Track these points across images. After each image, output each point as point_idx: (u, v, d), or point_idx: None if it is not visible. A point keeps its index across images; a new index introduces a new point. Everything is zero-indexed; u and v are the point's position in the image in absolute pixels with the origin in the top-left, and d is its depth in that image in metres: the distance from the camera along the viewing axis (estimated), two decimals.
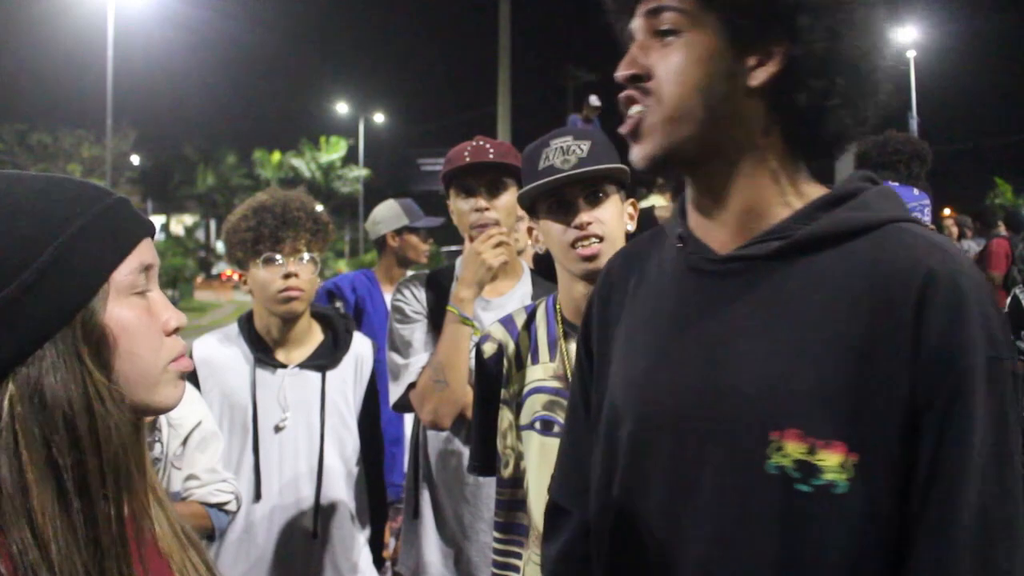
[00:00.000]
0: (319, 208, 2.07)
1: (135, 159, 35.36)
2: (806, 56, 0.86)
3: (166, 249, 27.65)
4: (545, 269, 2.00)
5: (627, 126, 0.93)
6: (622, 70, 0.92)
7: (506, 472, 1.62)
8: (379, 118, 43.44)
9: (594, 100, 8.95)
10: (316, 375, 2.03)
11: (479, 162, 1.93)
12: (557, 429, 1.54)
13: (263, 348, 2.02)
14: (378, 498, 2.18)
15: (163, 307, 0.85)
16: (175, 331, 0.86)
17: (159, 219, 41.18)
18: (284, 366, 2.02)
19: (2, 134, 28.73)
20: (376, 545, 2.17)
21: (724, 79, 0.87)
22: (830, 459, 0.79)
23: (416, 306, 2.01)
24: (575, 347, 1.57)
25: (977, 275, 0.82)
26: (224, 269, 32.27)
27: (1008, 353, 0.80)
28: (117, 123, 26.69)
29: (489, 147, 1.96)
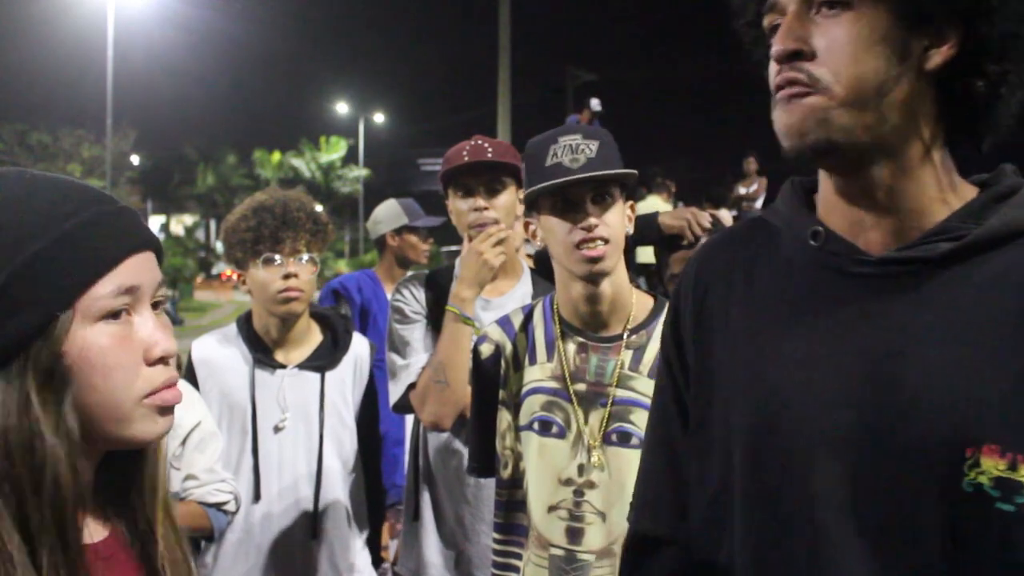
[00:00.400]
0: (319, 208, 2.07)
1: (135, 159, 35.32)
2: (987, 39, 0.78)
3: (166, 249, 27.60)
4: (546, 269, 2.00)
5: (792, 112, 0.81)
6: (780, 43, 0.81)
7: (505, 473, 1.62)
8: (379, 118, 43.46)
9: (595, 104, 8.94)
10: (315, 376, 2.03)
11: (478, 161, 1.93)
12: (555, 429, 1.55)
13: (262, 348, 2.01)
14: (376, 499, 2.18)
15: (148, 333, 0.78)
16: (161, 360, 0.78)
17: (159, 219, 41.21)
18: (283, 366, 2.01)
19: (2, 134, 28.71)
20: (374, 546, 2.17)
21: (898, 61, 0.79)
22: None
23: (415, 306, 2.00)
24: (572, 347, 1.59)
25: None
26: (224, 269, 32.23)
27: None
28: (117, 123, 26.68)
29: (488, 146, 1.96)
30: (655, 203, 7.33)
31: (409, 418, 2.67)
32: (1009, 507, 0.72)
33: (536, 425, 1.56)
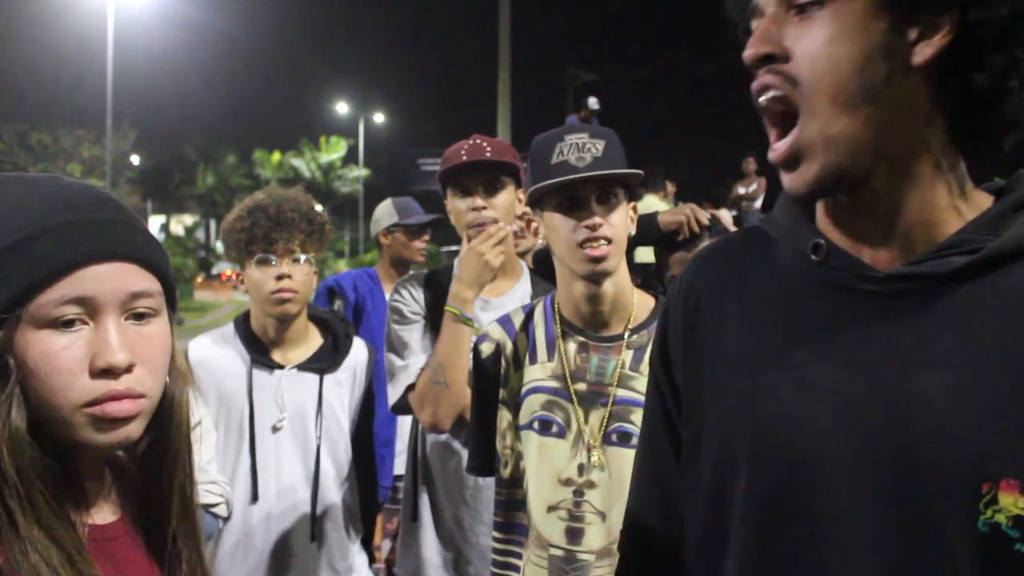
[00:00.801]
0: (319, 208, 2.06)
1: (135, 159, 35.31)
2: (985, 25, 0.70)
3: (166, 249, 27.59)
4: (545, 269, 2.00)
5: (779, 151, 0.76)
6: (751, 47, 0.75)
7: (505, 472, 1.62)
8: (379, 118, 43.46)
9: (592, 102, 8.95)
10: (314, 377, 2.02)
11: (476, 161, 1.92)
12: (555, 429, 1.54)
13: (260, 349, 2.01)
14: (369, 502, 2.18)
15: (99, 344, 0.78)
16: (107, 372, 0.78)
17: (159, 219, 41.19)
18: (281, 367, 2.01)
19: (2, 134, 28.69)
20: (367, 546, 2.17)
21: (883, 57, 0.71)
22: None
23: (414, 306, 1.99)
24: (573, 346, 1.59)
25: None
26: (224, 269, 32.27)
27: None
28: (117, 123, 26.65)
29: (486, 145, 1.95)
30: (653, 202, 7.32)
31: (400, 418, 2.68)
32: None
33: (536, 424, 1.56)
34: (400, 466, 3.10)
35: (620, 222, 1.52)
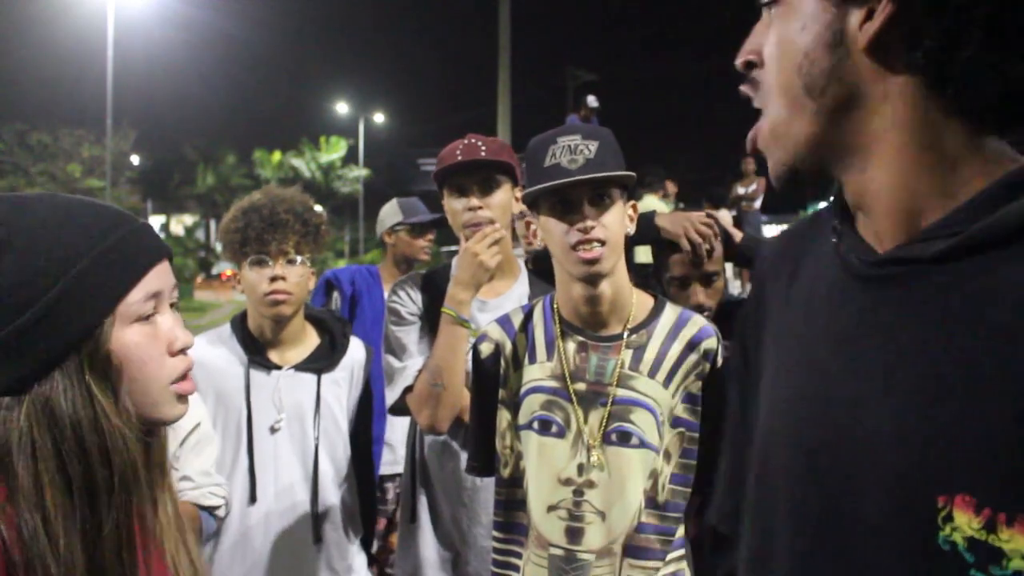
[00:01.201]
0: (318, 208, 2.05)
1: (135, 159, 35.30)
2: None
3: None
4: (543, 269, 1.99)
5: (748, 146, 0.77)
6: (738, 57, 0.75)
7: (505, 472, 1.62)
8: (379, 118, 43.46)
9: (591, 100, 8.96)
10: (311, 377, 2.02)
11: (471, 160, 1.90)
12: (555, 429, 1.54)
13: (257, 349, 2.00)
14: (368, 502, 2.18)
15: (169, 329, 0.94)
16: (181, 351, 0.95)
17: (159, 219, 41.19)
18: (278, 367, 2.00)
19: (2, 134, 28.67)
20: (366, 547, 2.17)
21: (826, 50, 0.68)
22: (1017, 541, 0.56)
23: (411, 307, 1.99)
24: (572, 346, 1.59)
25: None
26: (224, 269, 32.24)
27: None
28: (117, 123, 26.68)
29: (481, 145, 1.94)
30: (651, 202, 7.32)
31: (391, 417, 2.68)
32: None
33: (536, 424, 1.56)
34: (386, 467, 3.12)
35: (614, 223, 1.51)
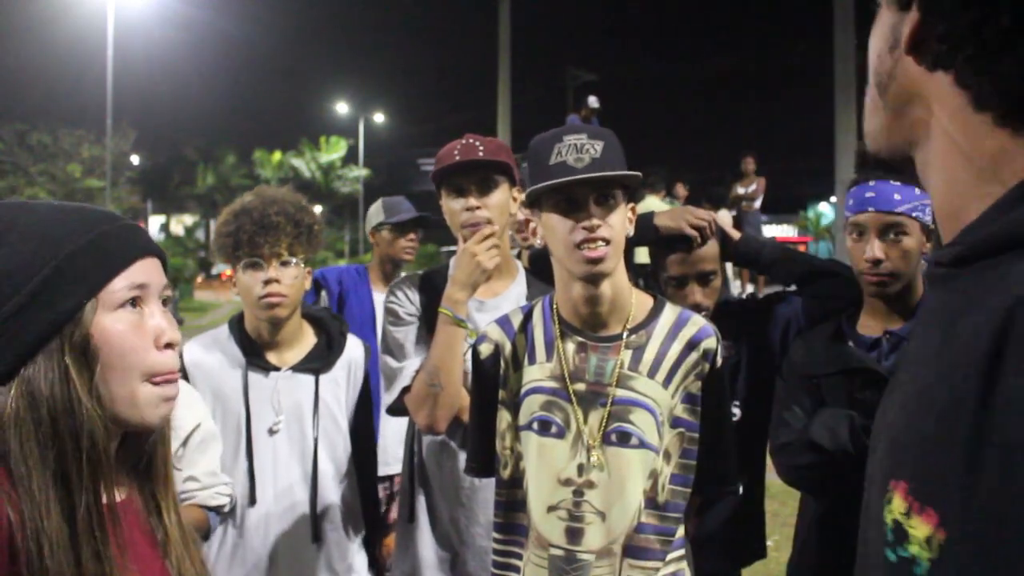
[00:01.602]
0: (317, 209, 2.05)
1: (135, 159, 35.27)
2: None
3: (166, 249, 27.59)
4: (541, 269, 1.99)
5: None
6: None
7: (505, 473, 1.62)
8: (379, 118, 43.42)
9: (593, 101, 8.98)
10: (309, 378, 2.02)
11: (469, 160, 1.90)
12: (555, 429, 1.54)
13: (254, 351, 2.00)
14: (370, 501, 2.17)
15: (157, 322, 0.96)
16: (168, 347, 0.96)
17: (159, 219, 41.21)
18: (277, 368, 2.00)
19: (2, 134, 28.67)
20: (369, 547, 2.16)
21: (889, 51, 0.74)
22: (919, 529, 0.61)
23: (409, 308, 1.98)
24: (572, 346, 1.59)
25: None
26: (224, 269, 32.24)
27: None
28: (117, 123, 26.65)
29: (479, 145, 1.93)
30: (652, 202, 7.33)
31: (383, 412, 2.68)
32: (892, 557, 0.63)
33: (535, 425, 1.56)
34: (380, 466, 3.12)
35: (618, 223, 1.51)
